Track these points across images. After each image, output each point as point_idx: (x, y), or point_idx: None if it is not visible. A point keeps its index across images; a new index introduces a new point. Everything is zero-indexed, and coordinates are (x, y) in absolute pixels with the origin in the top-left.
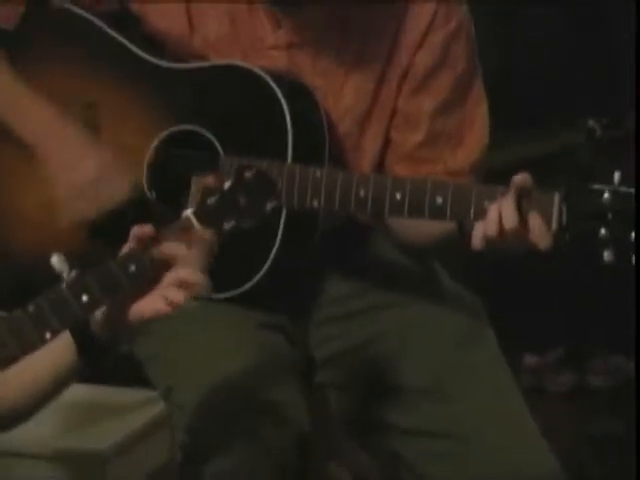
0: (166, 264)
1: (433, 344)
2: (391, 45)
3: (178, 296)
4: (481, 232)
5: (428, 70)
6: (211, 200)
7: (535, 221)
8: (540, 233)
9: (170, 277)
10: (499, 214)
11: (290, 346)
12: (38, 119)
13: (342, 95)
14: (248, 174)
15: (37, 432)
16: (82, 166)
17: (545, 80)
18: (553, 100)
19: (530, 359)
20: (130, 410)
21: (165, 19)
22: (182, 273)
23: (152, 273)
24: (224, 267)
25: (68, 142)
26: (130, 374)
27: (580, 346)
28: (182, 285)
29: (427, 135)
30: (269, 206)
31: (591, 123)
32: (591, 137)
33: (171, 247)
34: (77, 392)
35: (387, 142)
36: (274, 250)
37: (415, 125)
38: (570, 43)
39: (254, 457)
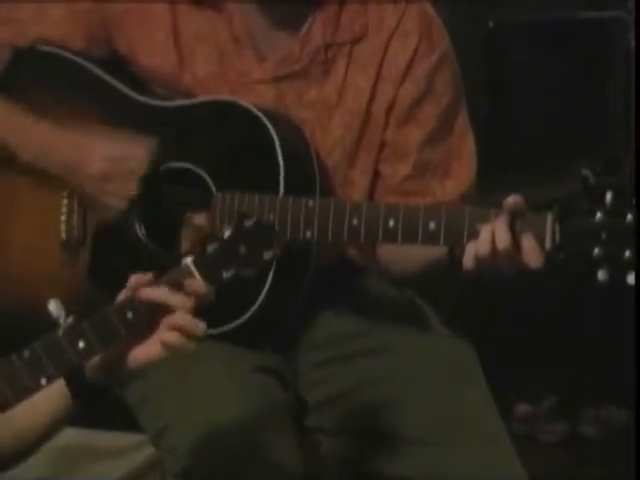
0: (163, 310)
1: (423, 391)
2: (375, 78)
3: (175, 338)
4: (473, 252)
5: (414, 101)
6: (211, 248)
7: (528, 241)
8: (533, 253)
9: (167, 322)
10: (492, 235)
11: (283, 390)
12: (39, 133)
13: (330, 128)
14: (248, 223)
15: (28, 475)
16: (91, 159)
17: (537, 125)
18: (546, 145)
19: (522, 408)
20: (121, 454)
21: (155, 57)
22: (179, 319)
23: (149, 319)
24: (216, 303)
25: (75, 142)
26: (121, 418)
27: (573, 396)
28: (179, 330)
29: (415, 167)
30: (267, 255)
31: (585, 172)
32: (586, 185)
33: (168, 295)
34: (68, 435)
35: (376, 175)
36: (266, 286)
37: (403, 157)
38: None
39: None
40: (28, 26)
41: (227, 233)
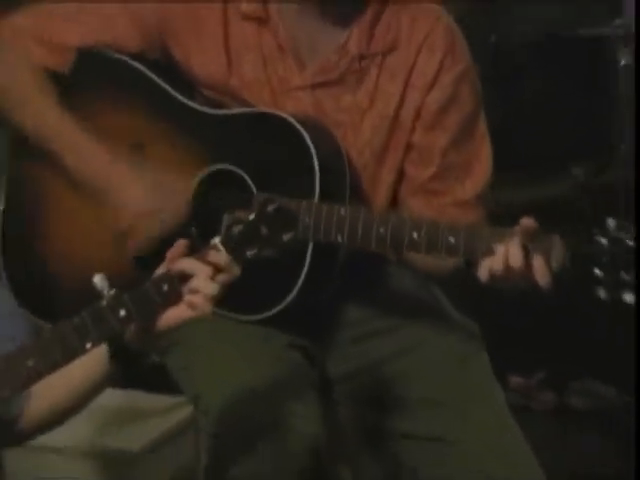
0: (190, 278)
1: (436, 362)
2: (404, 86)
3: (196, 299)
4: (488, 267)
5: (440, 108)
6: (236, 229)
7: (538, 262)
8: (542, 272)
9: (188, 286)
10: (506, 253)
11: (310, 366)
12: (96, 160)
13: (361, 130)
14: (270, 207)
15: (74, 431)
16: (141, 194)
17: (537, 133)
18: (544, 149)
19: (516, 380)
20: (158, 414)
21: (206, 63)
22: (196, 282)
23: (180, 288)
24: (256, 293)
25: (123, 179)
26: (159, 381)
27: (561, 370)
28: (196, 292)
29: (439, 168)
30: (286, 237)
31: (575, 170)
32: (576, 184)
33: (192, 263)
34: (111, 397)
35: (402, 174)
36: (301, 278)
37: (428, 159)
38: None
39: (274, 461)
40: (95, 31)
41: (251, 216)
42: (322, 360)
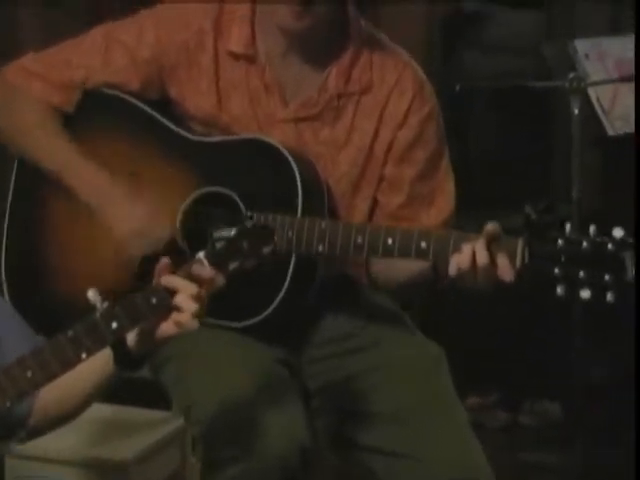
0: (175, 294)
1: (402, 380)
2: (377, 123)
3: (180, 317)
4: (456, 263)
5: (408, 145)
6: (219, 244)
7: (502, 260)
8: (506, 270)
9: (173, 302)
10: (472, 251)
11: (291, 377)
12: (96, 183)
13: (339, 162)
14: (249, 224)
15: (68, 442)
16: (134, 215)
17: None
18: (498, 189)
19: (473, 400)
20: (148, 427)
21: (199, 99)
22: (178, 299)
23: (169, 302)
24: (241, 302)
25: (119, 199)
26: (149, 398)
27: (513, 391)
28: (177, 309)
29: (407, 198)
30: (266, 250)
31: (527, 209)
32: (528, 219)
33: (176, 280)
34: (102, 411)
35: (375, 202)
36: (281, 292)
37: (398, 189)
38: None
39: (262, 465)
40: (97, 72)
41: (232, 232)
42: (301, 373)
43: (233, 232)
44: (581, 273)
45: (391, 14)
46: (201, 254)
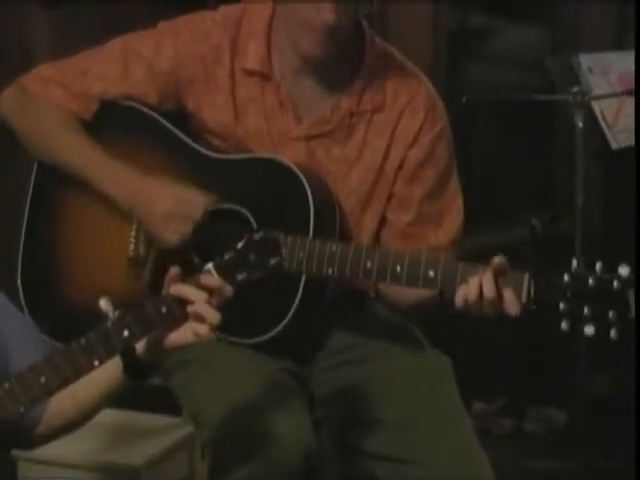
0: (187, 303)
1: (406, 389)
2: (389, 142)
3: (200, 328)
4: (463, 294)
5: (418, 164)
6: (227, 256)
7: (509, 294)
8: (512, 304)
9: (191, 312)
10: (480, 284)
11: (298, 386)
12: (122, 175)
13: (349, 179)
14: (257, 236)
15: (80, 447)
16: (164, 200)
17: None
18: (503, 200)
19: (478, 406)
20: (159, 433)
21: (216, 113)
22: (199, 308)
23: (179, 311)
24: (253, 319)
25: (147, 188)
26: (159, 403)
27: (519, 398)
28: (199, 318)
29: (416, 216)
30: (272, 262)
31: (534, 221)
32: (533, 232)
33: (189, 290)
34: (114, 416)
35: (383, 220)
36: (294, 307)
37: (407, 207)
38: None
39: (269, 468)
40: (115, 83)
41: (240, 245)
42: (307, 381)
43: (240, 244)
44: (586, 309)
45: (398, 28)
46: (210, 265)
